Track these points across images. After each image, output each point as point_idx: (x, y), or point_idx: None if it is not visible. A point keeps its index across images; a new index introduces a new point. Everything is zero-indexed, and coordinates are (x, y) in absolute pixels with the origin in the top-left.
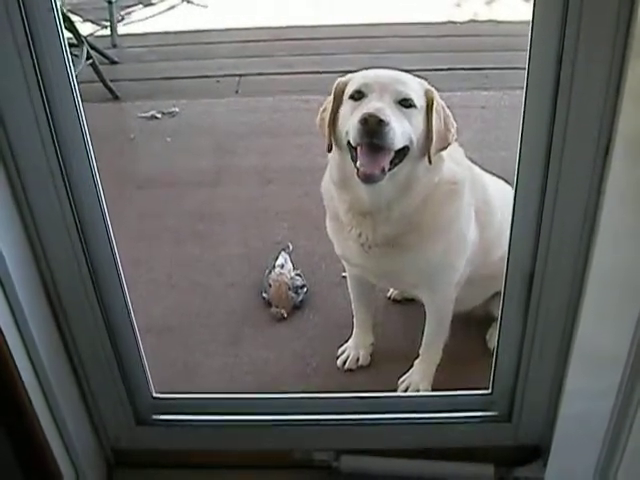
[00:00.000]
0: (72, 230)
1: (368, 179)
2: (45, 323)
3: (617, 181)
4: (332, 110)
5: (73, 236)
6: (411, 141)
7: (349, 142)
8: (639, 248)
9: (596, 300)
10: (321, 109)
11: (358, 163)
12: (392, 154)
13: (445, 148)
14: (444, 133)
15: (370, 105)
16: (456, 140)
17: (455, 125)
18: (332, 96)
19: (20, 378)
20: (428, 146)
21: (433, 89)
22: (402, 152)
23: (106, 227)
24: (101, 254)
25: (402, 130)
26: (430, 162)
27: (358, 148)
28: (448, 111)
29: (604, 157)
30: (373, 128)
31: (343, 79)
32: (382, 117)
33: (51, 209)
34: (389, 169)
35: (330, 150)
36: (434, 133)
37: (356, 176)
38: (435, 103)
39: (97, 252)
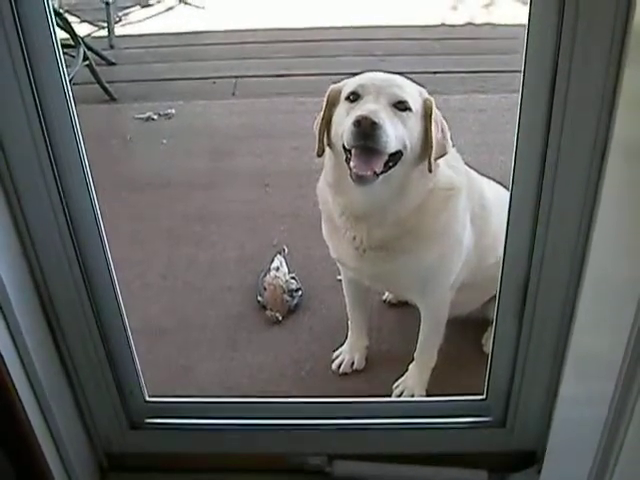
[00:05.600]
0: (64, 232)
1: (360, 180)
2: (37, 326)
3: (613, 187)
4: (324, 116)
5: (65, 237)
6: (405, 146)
7: (343, 144)
8: (635, 255)
9: (591, 306)
10: (320, 114)
11: (351, 164)
12: (386, 157)
13: (442, 156)
14: (442, 141)
15: (365, 107)
16: (453, 145)
17: (449, 133)
18: (325, 102)
19: (12, 382)
20: (424, 152)
21: (432, 98)
22: (396, 156)
23: (99, 230)
24: (94, 256)
25: (396, 134)
26: (430, 170)
27: (352, 150)
28: (443, 120)
29: (600, 163)
30: (366, 130)
31: (336, 85)
32: (376, 120)
33: (43, 211)
34: (382, 172)
35: (320, 155)
36: (434, 142)
37: (349, 178)
38: (433, 113)
39: (91, 255)
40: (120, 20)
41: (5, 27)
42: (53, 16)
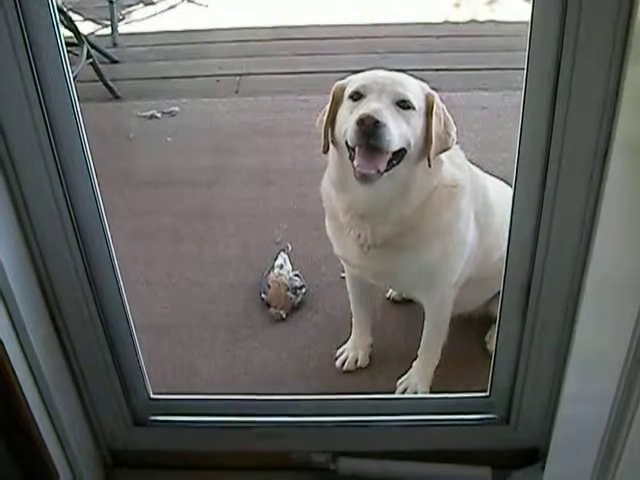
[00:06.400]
0: (69, 229)
1: (364, 178)
2: (42, 323)
3: (616, 185)
4: (330, 112)
5: (70, 235)
6: (409, 143)
7: (347, 142)
8: (637, 254)
9: (594, 304)
10: (322, 111)
11: (355, 163)
12: (389, 155)
13: (445, 151)
14: (444, 136)
15: (367, 106)
16: (457, 143)
17: (455, 129)
18: (330, 98)
19: (17, 379)
20: (427, 149)
21: (434, 93)
22: (400, 153)
23: (103, 227)
24: (98, 254)
25: (399, 132)
26: (430, 165)
27: (356, 148)
28: (449, 114)
29: (603, 160)
30: (369, 129)
31: (341, 82)
32: (378, 118)
33: (47, 208)
34: (386, 170)
35: (326, 151)
36: (434, 136)
37: (353, 176)
38: (435, 106)
39: (94, 252)
40: (124, 18)
41: (9, 26)
42: (57, 14)
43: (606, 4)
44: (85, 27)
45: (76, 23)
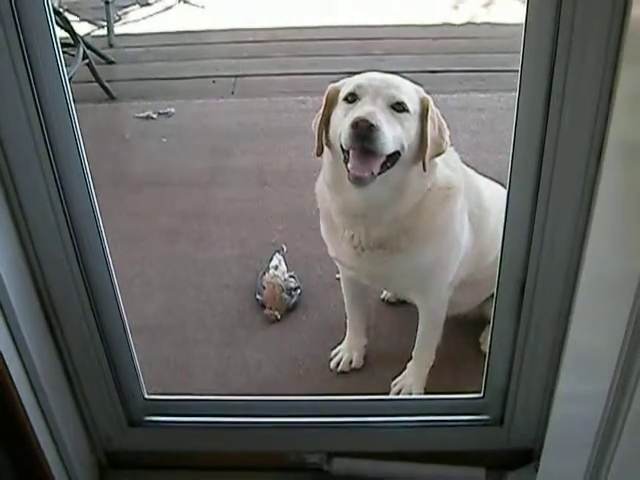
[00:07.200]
0: (64, 230)
1: (358, 181)
2: (37, 324)
3: (610, 184)
4: (323, 115)
5: (65, 236)
6: (402, 146)
7: (341, 145)
8: (630, 254)
9: (587, 305)
10: (318, 114)
11: (349, 165)
12: (383, 158)
13: (439, 155)
14: (438, 141)
15: (362, 109)
16: (451, 145)
17: (448, 132)
18: (324, 101)
19: (12, 380)
20: (422, 152)
21: (429, 97)
22: (394, 156)
23: (98, 228)
24: (93, 255)
25: (393, 135)
26: (425, 169)
27: (350, 151)
28: (442, 119)
29: (597, 160)
30: (364, 132)
31: (335, 85)
32: (373, 122)
33: (43, 209)
34: (379, 173)
35: (319, 154)
36: (429, 141)
37: (347, 179)
38: (430, 111)
39: (89, 253)
40: (120, 19)
41: (5, 26)
42: (53, 15)
43: (600, 5)
44: (81, 28)
45: (72, 24)
